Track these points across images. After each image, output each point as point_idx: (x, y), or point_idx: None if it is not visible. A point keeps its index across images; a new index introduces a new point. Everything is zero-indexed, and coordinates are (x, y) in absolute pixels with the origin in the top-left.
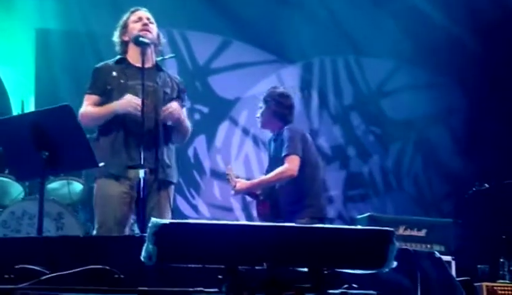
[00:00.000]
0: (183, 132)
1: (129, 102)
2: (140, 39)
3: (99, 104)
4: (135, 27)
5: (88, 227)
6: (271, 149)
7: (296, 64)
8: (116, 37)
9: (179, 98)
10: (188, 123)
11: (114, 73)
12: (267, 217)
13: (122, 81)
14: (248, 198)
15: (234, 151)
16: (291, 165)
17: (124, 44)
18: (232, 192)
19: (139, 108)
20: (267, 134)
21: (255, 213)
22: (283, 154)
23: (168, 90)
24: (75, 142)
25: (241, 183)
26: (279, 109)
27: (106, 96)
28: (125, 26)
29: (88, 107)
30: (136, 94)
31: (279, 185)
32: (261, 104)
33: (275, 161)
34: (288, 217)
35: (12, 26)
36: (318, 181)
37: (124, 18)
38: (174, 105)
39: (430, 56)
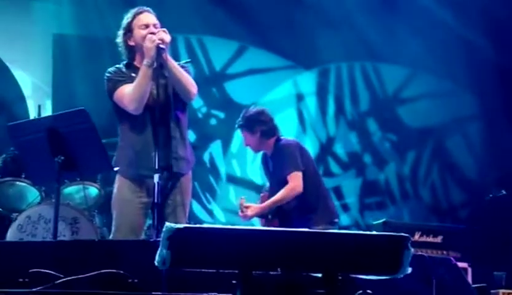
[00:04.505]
0: (179, 79)
1: (149, 41)
2: (160, 46)
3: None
4: (141, 34)
5: (103, 232)
6: (269, 165)
7: (312, 70)
8: (120, 40)
9: None
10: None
11: (126, 77)
12: None
13: None
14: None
15: (249, 156)
16: (295, 182)
17: (130, 49)
18: (244, 219)
19: (157, 39)
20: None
21: None
22: (286, 172)
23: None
24: (91, 147)
25: (252, 209)
26: (264, 127)
27: None
28: (130, 30)
29: (126, 86)
30: (151, 94)
31: (286, 203)
32: (243, 132)
33: (276, 177)
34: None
35: (30, 31)
36: (321, 186)
37: (128, 19)
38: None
39: (446, 63)
